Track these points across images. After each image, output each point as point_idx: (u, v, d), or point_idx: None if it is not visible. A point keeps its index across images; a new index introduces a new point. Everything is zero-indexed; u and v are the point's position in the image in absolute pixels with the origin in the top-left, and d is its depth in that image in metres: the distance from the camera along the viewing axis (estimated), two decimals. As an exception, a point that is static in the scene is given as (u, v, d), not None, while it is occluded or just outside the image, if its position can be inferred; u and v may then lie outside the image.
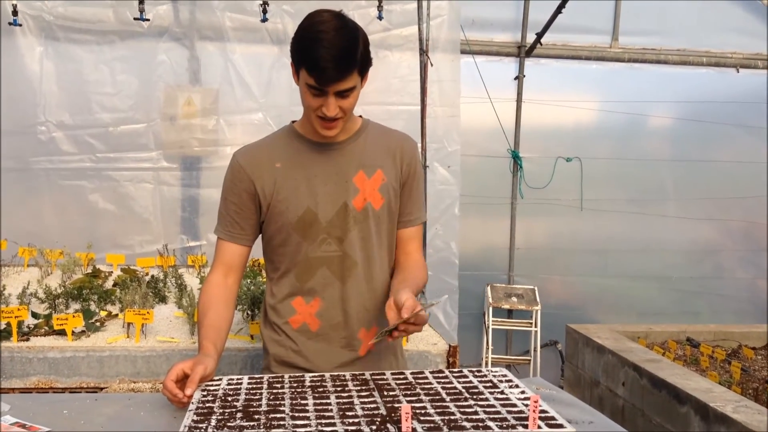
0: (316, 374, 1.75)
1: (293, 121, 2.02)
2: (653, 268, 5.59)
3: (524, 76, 5.36)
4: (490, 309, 5.11)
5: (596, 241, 5.55)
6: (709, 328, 4.90)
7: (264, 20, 4.22)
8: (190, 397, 1.59)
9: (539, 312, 5.12)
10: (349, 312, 1.95)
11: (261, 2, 4.19)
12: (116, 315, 2.81)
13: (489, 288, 5.22)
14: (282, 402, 1.53)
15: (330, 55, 1.71)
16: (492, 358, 5.06)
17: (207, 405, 1.52)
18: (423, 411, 1.46)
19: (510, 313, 5.36)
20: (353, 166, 1.94)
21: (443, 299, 1.80)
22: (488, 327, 5.09)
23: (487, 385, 1.65)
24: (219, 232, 2.00)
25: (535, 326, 5.12)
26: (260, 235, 2.04)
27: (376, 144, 1.99)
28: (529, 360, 5.14)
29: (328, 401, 1.53)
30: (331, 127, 1.85)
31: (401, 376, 1.73)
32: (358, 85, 1.82)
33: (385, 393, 1.59)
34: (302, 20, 1.80)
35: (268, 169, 1.93)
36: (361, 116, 2.03)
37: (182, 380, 1.66)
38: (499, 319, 5.22)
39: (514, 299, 5.19)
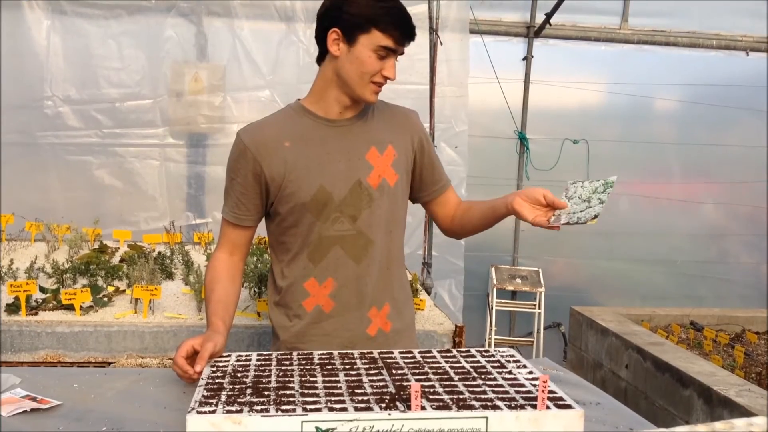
0: (325, 352, 1.75)
1: (299, 99, 2.00)
2: (658, 251, 5.59)
3: (532, 56, 5.33)
4: (494, 290, 5.12)
5: (601, 223, 5.40)
6: (713, 312, 4.91)
7: (272, -4, 4.20)
8: (200, 373, 1.60)
9: (543, 294, 5.13)
10: (363, 291, 1.94)
11: (269, -21, 4.18)
12: (123, 291, 2.82)
13: (493, 269, 5.23)
14: (291, 379, 1.53)
15: (407, 14, 1.83)
16: (495, 339, 5.07)
17: (217, 381, 1.53)
18: (432, 390, 1.46)
19: (514, 295, 5.37)
20: (365, 143, 1.93)
21: (614, 179, 1.81)
22: (492, 308, 5.10)
23: (495, 364, 1.66)
24: (225, 213, 1.98)
25: (539, 308, 5.13)
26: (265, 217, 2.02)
27: (384, 120, 1.99)
28: (532, 341, 5.16)
29: (337, 379, 1.54)
30: (379, 92, 1.90)
31: (409, 355, 1.73)
32: None
33: (394, 371, 1.59)
34: None
35: (276, 149, 1.89)
36: None
37: (192, 356, 1.67)
38: (503, 301, 5.23)
39: (519, 281, 5.20)
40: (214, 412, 1.34)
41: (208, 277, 1.95)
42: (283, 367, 1.62)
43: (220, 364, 1.67)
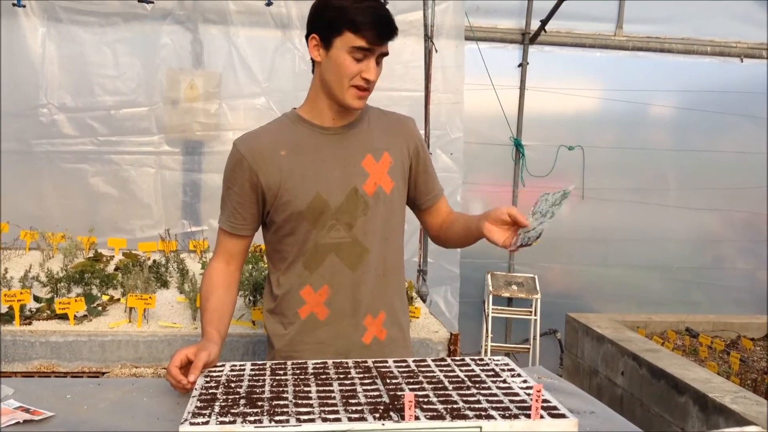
0: (319, 361, 1.75)
1: (294, 108, 2.01)
2: (654, 257, 5.59)
3: (528, 63, 5.34)
4: (490, 297, 5.12)
5: (597, 230, 5.55)
6: (709, 319, 4.91)
7: (268, 4, 4.21)
8: (194, 383, 1.59)
9: (539, 300, 5.13)
10: (359, 299, 1.94)
11: (265, -14, 4.18)
12: (118, 299, 2.82)
13: (489, 276, 5.23)
14: (285, 389, 1.53)
15: (382, 12, 1.80)
16: (491, 346, 5.07)
17: (210, 391, 1.52)
18: (426, 399, 1.46)
19: (510, 302, 5.37)
20: (360, 150, 1.93)
21: (571, 188, 1.75)
22: (488, 315, 5.10)
23: (489, 373, 1.66)
24: (221, 223, 1.98)
25: (535, 315, 5.13)
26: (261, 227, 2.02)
27: (379, 127, 1.99)
28: (529, 348, 5.15)
29: (331, 389, 1.53)
30: (363, 96, 1.87)
31: (404, 364, 1.73)
32: None
33: (388, 381, 1.59)
34: None
35: (271, 158, 1.89)
36: None
37: (186, 366, 1.66)
38: (499, 308, 5.23)
39: (515, 287, 5.20)
40: (207, 423, 1.33)
41: (204, 287, 1.95)
42: (277, 377, 1.62)
43: (214, 374, 1.66)
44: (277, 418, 1.35)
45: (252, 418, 1.35)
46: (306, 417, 1.35)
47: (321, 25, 1.83)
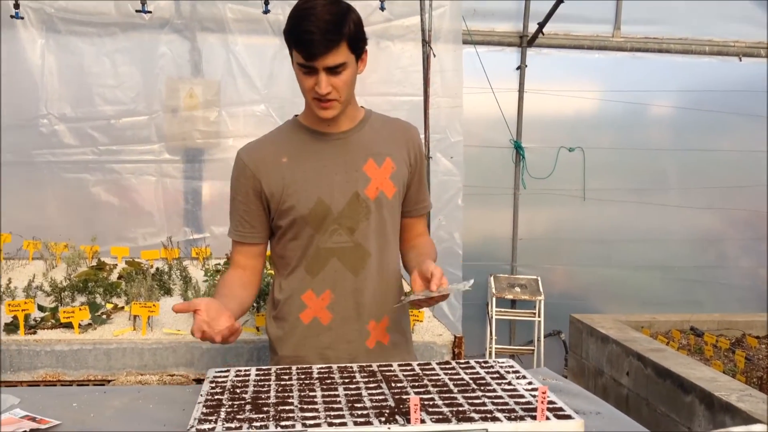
0: (324, 366, 1.75)
1: (296, 115, 2.02)
2: (656, 257, 5.59)
3: (526, 66, 5.34)
4: (494, 299, 5.12)
5: (599, 230, 5.55)
6: (713, 317, 4.90)
7: (266, 11, 4.21)
8: (224, 329, 1.67)
9: (542, 302, 5.13)
10: (362, 303, 1.94)
11: (262, -7, 4.19)
12: (122, 308, 2.82)
13: (492, 278, 5.23)
14: (290, 394, 1.53)
15: (315, 27, 1.72)
16: (496, 348, 5.06)
17: (216, 397, 1.53)
18: (431, 402, 1.46)
19: (513, 304, 5.37)
20: (362, 155, 1.93)
21: (471, 282, 1.78)
22: (491, 317, 5.09)
23: (494, 376, 1.66)
24: (231, 234, 2.00)
25: (539, 316, 5.13)
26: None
27: (382, 132, 1.99)
28: (533, 350, 5.15)
29: (337, 393, 1.53)
30: (327, 107, 1.83)
31: (408, 368, 1.73)
32: (352, 64, 1.81)
33: (393, 384, 1.59)
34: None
35: (274, 166, 1.91)
36: (362, 107, 2.03)
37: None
38: (503, 310, 5.23)
39: (518, 289, 5.20)
40: (213, 429, 1.34)
41: (217, 286, 1.97)
42: (282, 382, 1.62)
43: (219, 380, 1.66)
44: (282, 423, 1.35)
45: (258, 424, 1.35)
46: (312, 422, 1.36)
47: (285, 39, 1.85)
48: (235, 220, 1.98)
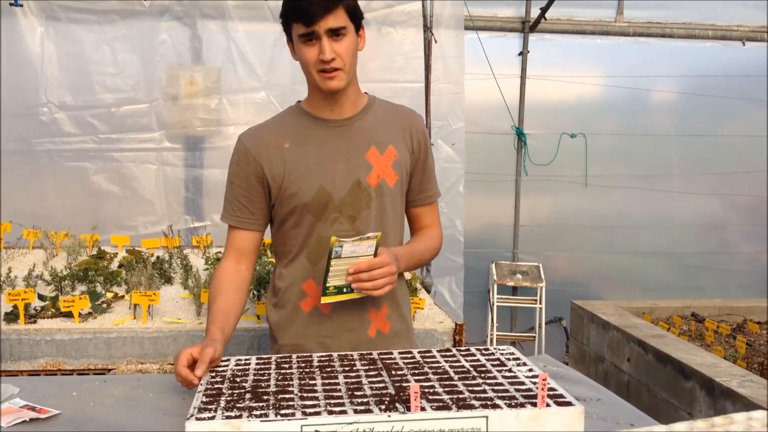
0: (324, 354, 1.75)
1: (299, 101, 2.00)
2: (658, 243, 5.59)
3: (528, 51, 5.32)
4: (495, 286, 5.12)
5: (601, 217, 5.54)
6: (714, 303, 4.90)
7: (266, -2, 4.19)
8: (200, 378, 1.59)
9: (544, 289, 5.13)
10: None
11: (262, -21, 4.16)
12: (122, 296, 2.82)
13: (494, 265, 5.23)
14: (290, 382, 1.53)
15: None
16: (497, 335, 5.07)
17: (216, 386, 1.52)
18: (431, 390, 1.46)
19: (515, 290, 5.37)
20: (365, 143, 1.92)
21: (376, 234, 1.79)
22: (493, 304, 5.10)
23: (495, 363, 1.65)
24: (227, 219, 1.96)
25: (540, 303, 5.13)
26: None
27: (385, 119, 1.98)
28: (534, 337, 5.16)
29: (337, 381, 1.53)
30: (333, 77, 1.82)
31: (409, 355, 1.72)
32: (352, 33, 1.82)
33: (393, 372, 1.58)
34: None
35: (276, 151, 1.90)
36: (366, 93, 2.01)
37: (192, 365, 1.65)
38: (504, 297, 5.23)
39: (519, 276, 5.20)
40: (213, 418, 1.33)
41: (212, 287, 1.94)
42: (283, 371, 1.62)
43: (219, 369, 1.66)
44: (282, 411, 1.35)
45: (258, 412, 1.35)
46: (312, 410, 1.35)
47: (284, 27, 1.85)
48: (232, 205, 1.95)
